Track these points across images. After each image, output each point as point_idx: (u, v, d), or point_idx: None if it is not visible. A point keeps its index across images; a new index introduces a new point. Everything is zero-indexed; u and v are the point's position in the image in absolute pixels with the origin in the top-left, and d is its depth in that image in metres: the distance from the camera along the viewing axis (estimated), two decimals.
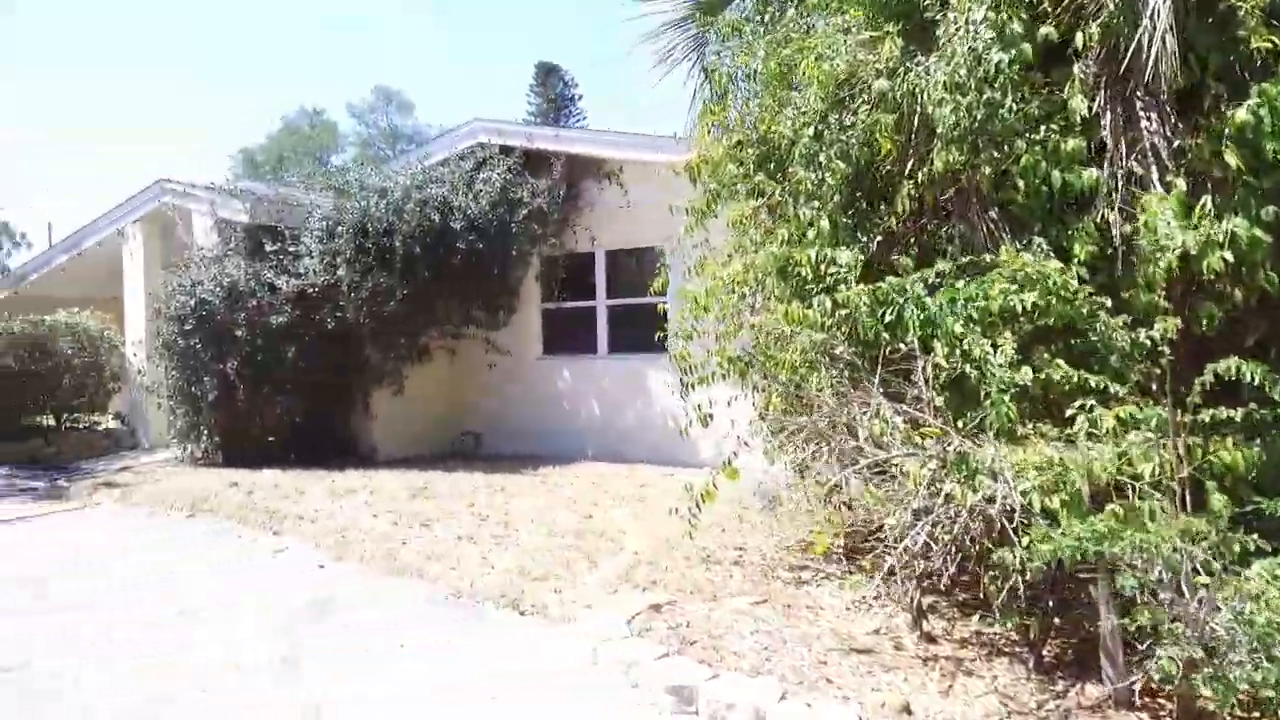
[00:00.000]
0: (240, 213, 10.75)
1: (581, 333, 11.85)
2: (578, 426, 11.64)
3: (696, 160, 5.45)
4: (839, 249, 4.38)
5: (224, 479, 9.29)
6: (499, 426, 12.34)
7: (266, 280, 10.30)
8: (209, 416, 10.41)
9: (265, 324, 10.09)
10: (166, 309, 10.34)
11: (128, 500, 8.49)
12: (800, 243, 4.75)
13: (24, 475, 10.55)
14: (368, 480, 9.12)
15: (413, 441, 11.90)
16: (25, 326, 11.46)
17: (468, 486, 8.86)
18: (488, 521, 7.12)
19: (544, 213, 11.14)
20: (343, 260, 10.27)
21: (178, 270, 10.57)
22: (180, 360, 10.32)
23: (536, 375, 12.11)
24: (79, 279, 13.71)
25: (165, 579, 5.84)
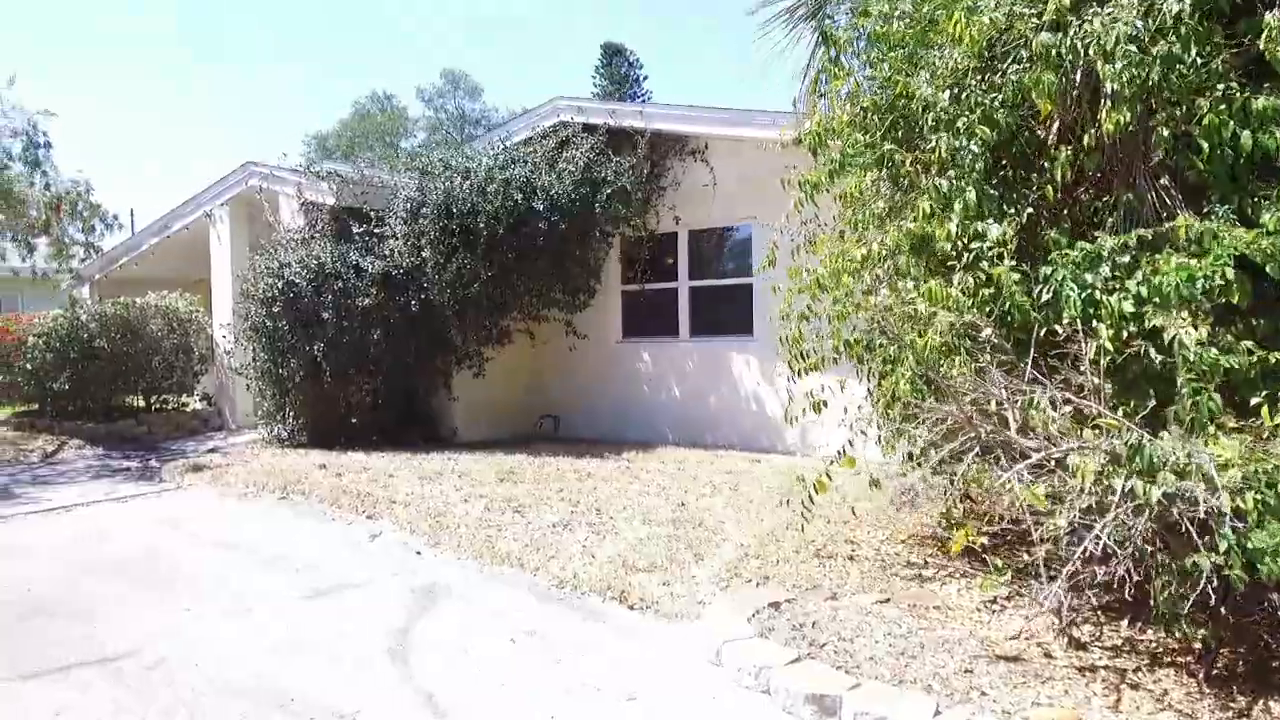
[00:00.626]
0: (326, 195, 10.74)
1: (662, 315, 11.59)
2: (658, 411, 11.41)
3: (816, 128, 5.10)
4: (986, 222, 4.01)
5: (311, 461, 9.30)
6: (577, 410, 12.20)
7: (352, 262, 10.27)
8: (295, 398, 10.45)
9: (351, 306, 10.06)
10: (254, 291, 10.39)
11: (219, 482, 8.53)
12: (937, 216, 4.39)
13: (116, 455, 10.74)
14: (453, 463, 9.03)
15: (492, 424, 11.82)
16: (117, 309, 11.66)
17: (553, 471, 8.70)
18: (580, 508, 6.93)
19: (627, 192, 10.88)
20: (427, 242, 10.18)
21: (265, 253, 10.60)
22: (267, 342, 10.36)
23: (616, 359, 11.91)
24: (166, 261, 13.96)
25: (270, 564, 5.77)
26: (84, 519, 7.22)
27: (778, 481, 8.14)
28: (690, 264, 11.35)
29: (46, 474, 9.57)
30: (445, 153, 11.08)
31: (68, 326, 11.34)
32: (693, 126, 10.65)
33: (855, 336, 5.19)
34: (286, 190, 11.28)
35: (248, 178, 11.81)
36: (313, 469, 8.71)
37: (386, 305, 10.20)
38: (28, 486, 8.77)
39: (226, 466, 9.21)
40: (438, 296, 10.23)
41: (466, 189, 10.25)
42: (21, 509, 7.62)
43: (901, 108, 4.75)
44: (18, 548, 6.28)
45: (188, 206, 12.77)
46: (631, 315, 11.97)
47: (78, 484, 8.88)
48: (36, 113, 9.94)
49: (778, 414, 10.47)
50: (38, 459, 10.64)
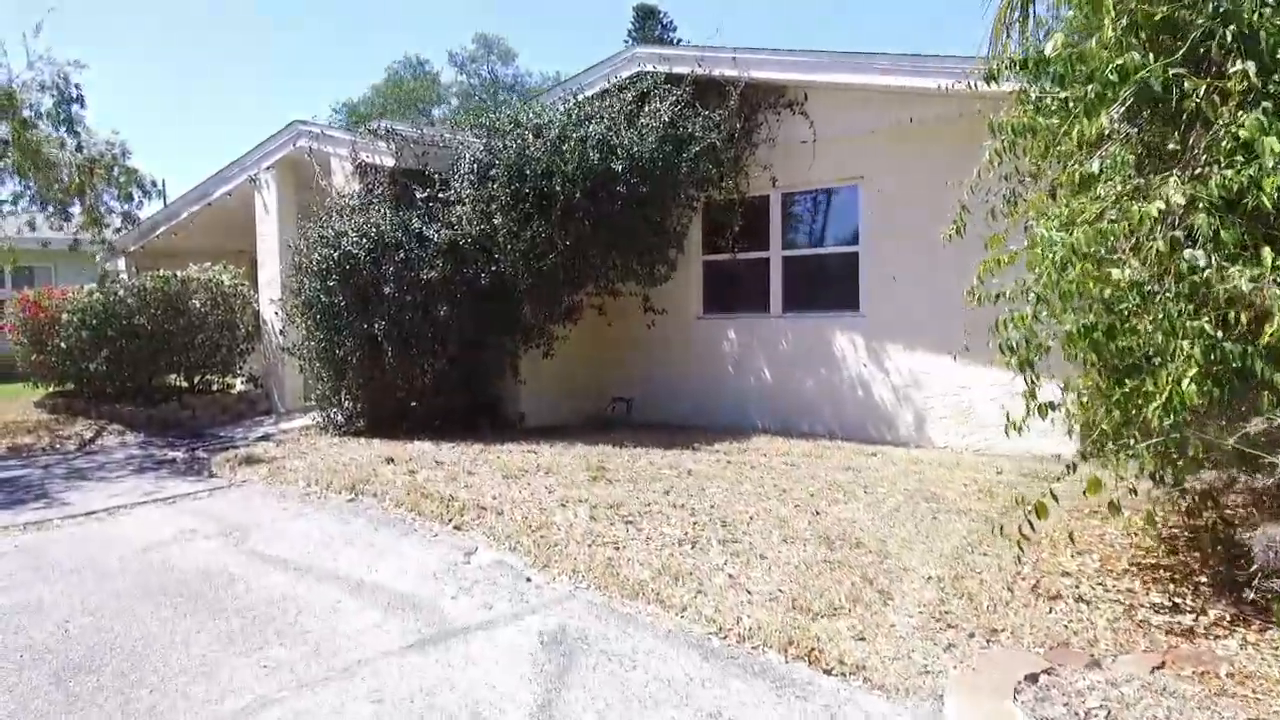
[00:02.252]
0: (384, 156, 9.69)
1: (750, 288, 10.50)
2: (744, 394, 10.34)
3: (1061, 49, 3.93)
4: None
5: (375, 452, 8.35)
6: (652, 393, 11.16)
7: (414, 231, 9.24)
8: (352, 380, 9.49)
9: (414, 279, 9.05)
10: (307, 263, 9.40)
11: (277, 479, 7.59)
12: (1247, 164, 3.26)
13: (159, 443, 9.86)
14: (534, 456, 8.03)
15: (560, 408, 10.85)
16: (157, 283, 10.74)
17: (646, 466, 7.68)
18: (699, 518, 5.90)
19: (717, 150, 9.74)
20: (498, 208, 9.12)
21: (318, 220, 9.59)
22: (322, 319, 9.39)
23: (696, 336, 10.83)
24: (206, 232, 13.03)
25: (356, 594, 4.79)
26: (128, 527, 6.29)
27: (912, 482, 7.07)
28: (784, 231, 10.21)
29: (84, 466, 8.70)
30: (514, 108, 9.97)
31: (104, 302, 10.43)
32: (797, 74, 9.45)
33: (1089, 321, 4.02)
34: (339, 151, 10.25)
35: (295, 138, 10.79)
36: (379, 463, 7.74)
37: (453, 278, 9.17)
38: (63, 483, 7.89)
39: (283, 459, 8.27)
40: (509, 268, 9.18)
41: (540, 148, 9.16)
42: (57, 514, 6.71)
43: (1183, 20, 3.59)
44: (54, 568, 5.35)
45: (230, 170, 11.78)
46: (714, 288, 10.87)
47: (119, 480, 7.97)
48: (67, 64, 8.98)
49: (887, 399, 9.38)
50: (74, 447, 9.79)
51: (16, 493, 7.51)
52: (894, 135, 9.09)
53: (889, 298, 9.28)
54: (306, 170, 10.91)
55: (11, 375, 13.11)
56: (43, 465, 8.82)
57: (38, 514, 6.69)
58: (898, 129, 9.06)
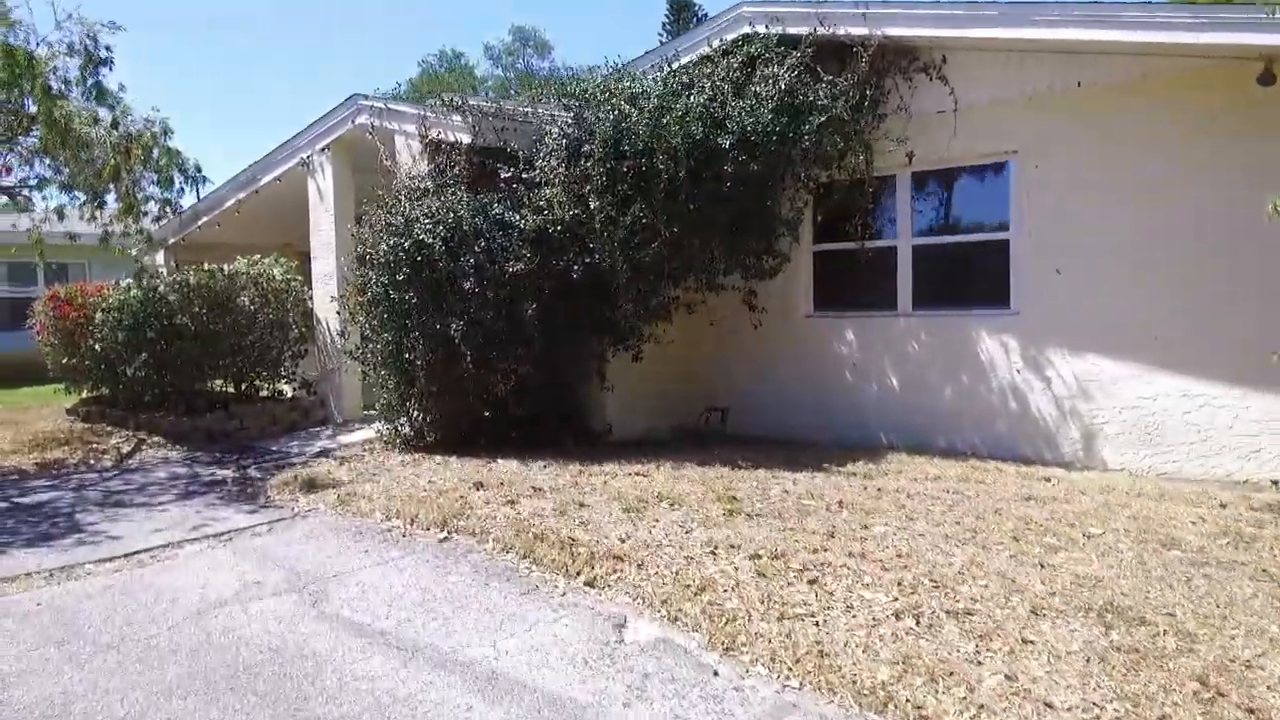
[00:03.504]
0: (459, 131, 8.48)
1: (871, 282, 9.17)
2: (864, 404, 9.01)
3: None
4: None
5: (457, 473, 7.14)
6: (750, 401, 9.86)
7: (496, 216, 8.01)
8: (424, 388, 8.28)
9: (497, 273, 7.82)
10: (373, 254, 8.20)
11: (349, 508, 6.39)
12: None
13: (205, 459, 8.71)
14: (644, 481, 6.79)
15: (649, 418, 9.60)
16: (202, 277, 9.60)
17: (781, 495, 6.42)
18: (895, 573, 4.62)
19: (842, 122, 8.41)
20: (592, 189, 7.86)
21: (385, 205, 8.39)
22: (389, 318, 8.19)
23: (805, 337, 9.52)
24: (252, 223, 11.90)
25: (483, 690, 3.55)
26: (177, 577, 5.10)
27: (1124, 520, 5.72)
28: (914, 215, 8.86)
29: (121, 488, 7.54)
30: (606, 76, 8.71)
31: (142, 299, 9.30)
32: (941, 30, 8.08)
33: None
34: (405, 128, 9.04)
35: (354, 115, 9.60)
36: (467, 489, 6.52)
37: (540, 271, 7.93)
38: (98, 510, 6.73)
39: (351, 483, 7.07)
40: (606, 259, 7.92)
41: (639, 120, 7.89)
42: (91, 554, 5.55)
43: None
44: (86, 640, 4.16)
45: (280, 153, 10.63)
46: (827, 283, 9.54)
47: (161, 507, 6.81)
48: (99, 25, 7.84)
49: (1048, 412, 8.00)
50: (110, 463, 8.66)
51: (44, 523, 6.37)
52: (1058, 102, 7.71)
53: (1050, 293, 7.90)
54: (366, 151, 9.73)
55: (44, 377, 12.06)
56: (75, 486, 7.69)
57: (67, 555, 5.52)
58: (1063, 95, 7.69)
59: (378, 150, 9.23)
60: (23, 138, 8.78)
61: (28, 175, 9.43)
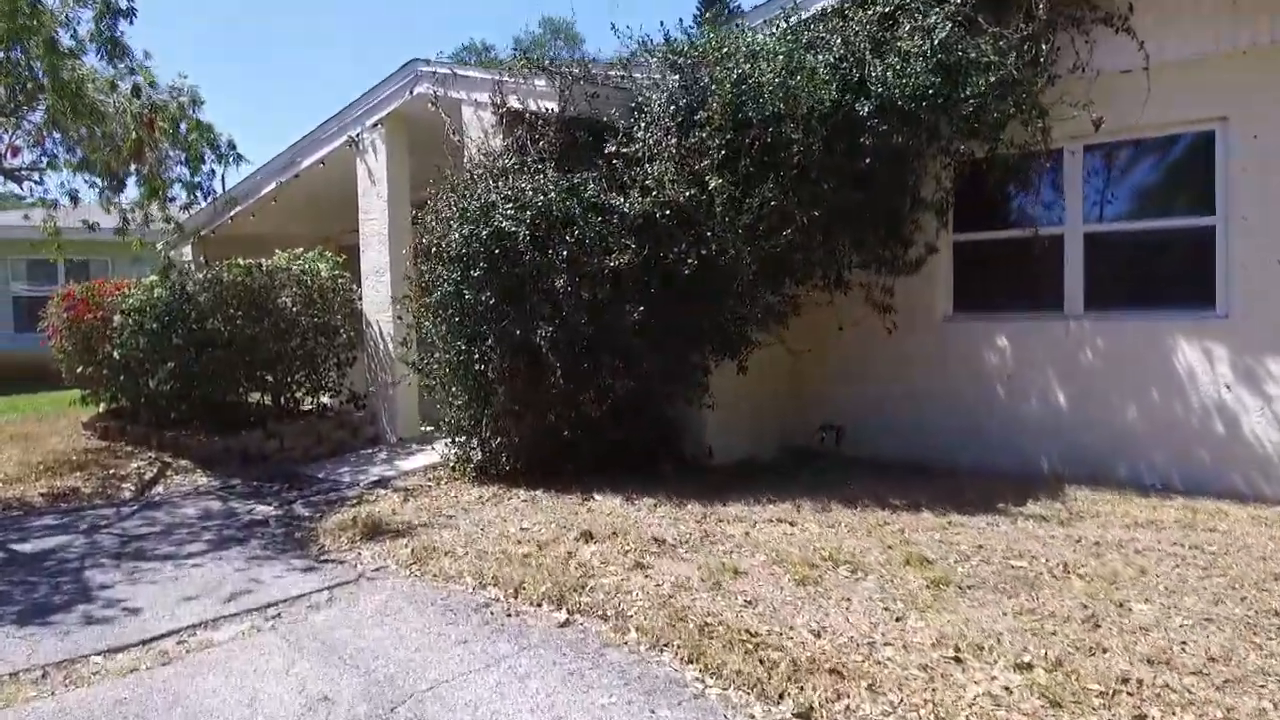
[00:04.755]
0: (545, 98, 7.08)
1: (1030, 278, 7.68)
2: (1020, 424, 7.51)
3: None
4: None
5: (550, 514, 5.76)
6: (871, 418, 8.39)
7: (591, 199, 6.59)
8: (502, 405, 6.89)
9: (595, 268, 6.41)
10: (440, 246, 6.82)
11: (426, 566, 5.00)
12: None
13: (242, 489, 7.38)
14: (792, 529, 5.38)
15: (750, 437, 8.21)
16: (237, 274, 8.25)
17: (973, 549, 5.01)
18: (1232, 698, 3.16)
19: (1010, 85, 6.90)
20: (709, 165, 6.43)
21: (456, 188, 7.00)
22: (460, 322, 6.83)
23: (942, 343, 8.03)
24: (288, 213, 10.57)
25: None
26: (208, 679, 3.73)
27: None
28: (1085, 197, 7.35)
29: (141, 530, 6.21)
30: (721, 30, 7.26)
31: (168, 300, 7.98)
32: None
33: None
34: (476, 96, 7.64)
35: (413, 83, 8.20)
36: (571, 539, 5.13)
37: (648, 265, 6.51)
38: (112, 565, 5.38)
39: (423, 528, 5.68)
40: (731, 250, 6.49)
41: (766, 82, 6.46)
42: (95, 639, 4.19)
43: None
44: None
45: (324, 131, 9.27)
46: (971, 279, 8.04)
47: (191, 560, 5.45)
48: None
49: (1268, 438, 6.50)
50: (130, 493, 7.34)
51: (45, 585, 5.03)
52: None
53: (1272, 292, 6.38)
54: (425, 127, 8.36)
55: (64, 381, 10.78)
56: (87, 526, 6.37)
57: (69, 641, 4.17)
58: None
59: (442, 124, 7.84)
60: (29, 111, 7.47)
61: (38, 157, 8.13)
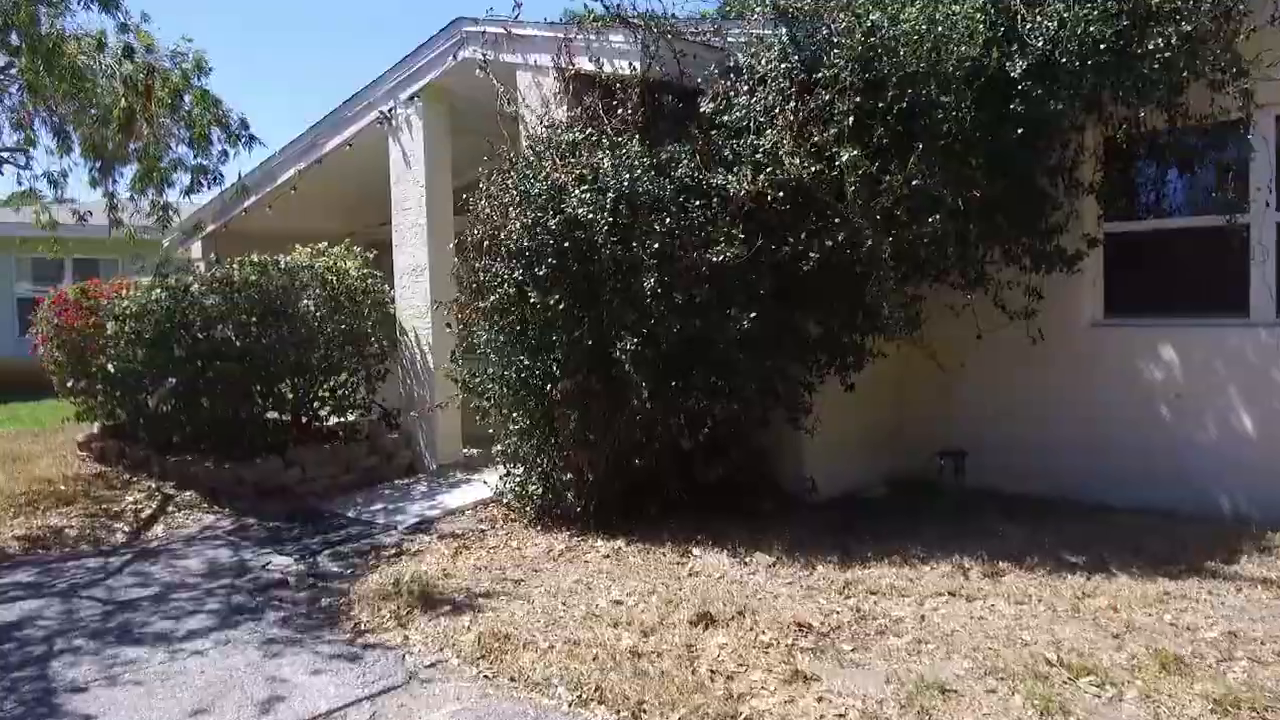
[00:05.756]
0: (623, 56, 5.81)
1: (1204, 277, 6.35)
2: (1197, 455, 6.16)
3: None
4: None
5: (645, 578, 4.51)
6: (997, 443, 7.04)
7: (686, 179, 5.31)
8: (572, 431, 5.62)
9: (694, 262, 5.13)
10: (495, 239, 5.57)
11: (498, 662, 3.74)
12: None
13: (256, 532, 6.14)
14: (976, 606, 4.15)
15: (854, 465, 6.95)
16: (250, 272, 7.01)
17: (1224, 638, 3.70)
18: None
19: (1200, 38, 5.55)
20: (837, 135, 5.13)
21: (516, 167, 5.74)
22: (522, 332, 5.58)
23: (1090, 354, 6.69)
24: (312, 203, 9.35)
25: None
26: None
27: None
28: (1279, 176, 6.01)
29: (131, 594, 4.96)
30: None
31: (170, 304, 6.74)
32: None
33: None
34: (535, 58, 6.37)
35: (456, 47, 6.93)
36: (685, 623, 3.89)
37: (757, 260, 5.22)
38: (88, 654, 4.13)
39: (487, 599, 4.41)
40: (860, 240, 5.20)
41: (905, 31, 5.19)
42: None
43: None
44: None
45: (350, 108, 8.02)
46: (1124, 277, 6.70)
47: (189, 644, 4.20)
48: None
49: None
50: (124, 537, 6.12)
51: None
52: None
53: None
54: (470, 100, 7.11)
55: None
56: (66, 585, 5.14)
57: None
58: None
59: (490, 95, 6.56)
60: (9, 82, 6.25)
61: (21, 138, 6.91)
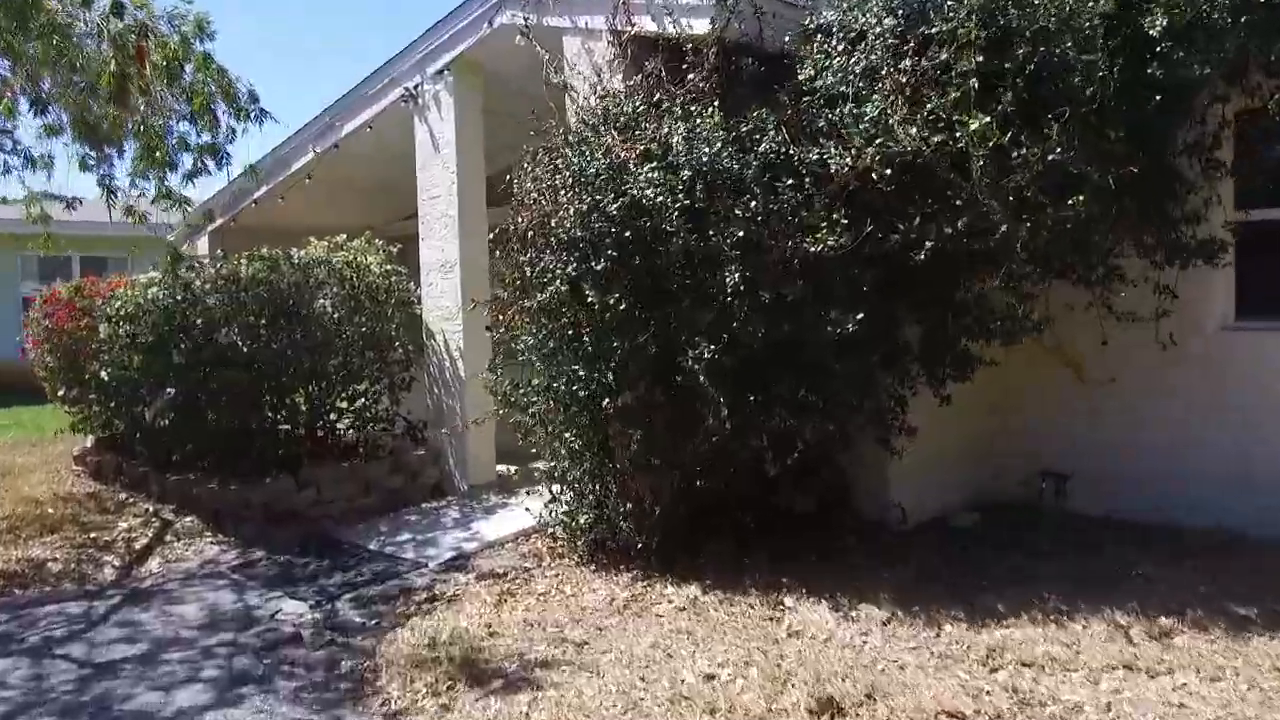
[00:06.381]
0: (693, 14, 4.96)
1: None
2: None
3: None
4: None
5: (735, 642, 3.67)
6: (1104, 463, 6.14)
7: (772, 155, 4.46)
8: (635, 454, 4.77)
9: (784, 254, 4.27)
10: (544, 229, 4.73)
11: None
12: None
13: (265, 569, 5.32)
14: (1169, 685, 3.32)
15: (940, 488, 6.10)
16: (258, 268, 6.19)
17: None
18: None
19: None
20: (959, 101, 4.27)
21: (569, 144, 4.89)
22: (575, 335, 4.73)
23: (1221, 361, 5.78)
24: (328, 194, 8.53)
25: None
26: None
27: None
28: None
29: (116, 652, 4.14)
30: None
31: (169, 304, 5.94)
32: None
33: None
34: (586, 20, 5.52)
35: (494, 10, 6.08)
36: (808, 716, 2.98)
37: (859, 251, 4.36)
38: None
39: (543, 671, 3.57)
40: (992, 225, 4.33)
41: None
42: None
43: None
44: None
45: (371, 86, 7.18)
46: (1260, 273, 5.80)
47: None
48: None
49: None
50: (113, 573, 5.31)
51: None
52: None
53: None
54: (506, 75, 6.30)
55: None
56: (39, 638, 4.34)
57: None
58: None
59: (531, 69, 5.71)
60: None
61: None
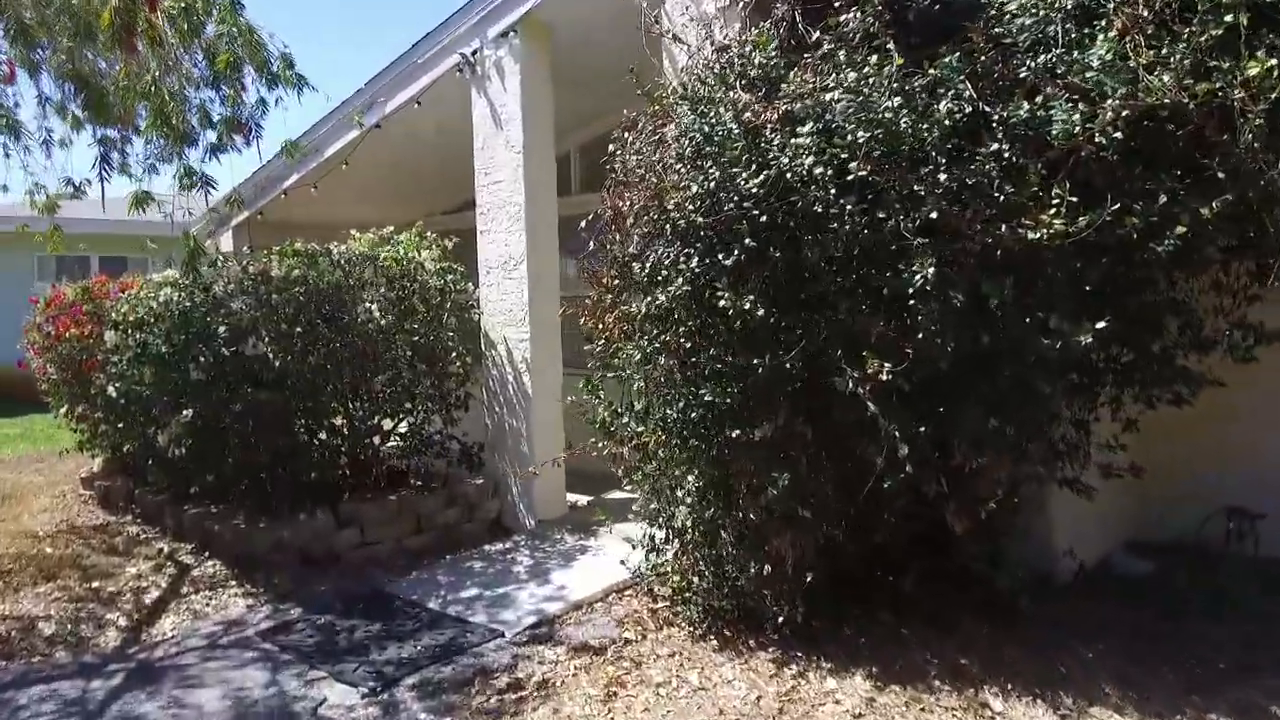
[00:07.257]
0: None
1: None
2: None
3: None
4: None
5: None
6: None
7: (955, 117, 3.41)
8: (774, 501, 3.72)
9: (988, 244, 3.22)
10: (644, 216, 3.71)
11: None
12: None
13: (302, 634, 4.33)
14: None
15: (1100, 530, 5.00)
16: (293, 266, 5.21)
17: None
18: None
19: None
20: (1225, 36, 3.20)
21: (687, 100, 3.87)
22: (693, 348, 3.70)
23: None
24: (368, 182, 7.56)
25: None
26: None
27: None
28: None
29: None
30: None
31: (186, 309, 4.97)
32: None
33: None
34: None
35: None
36: None
37: (1085, 239, 3.29)
38: None
39: None
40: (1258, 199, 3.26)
41: None
42: None
43: None
44: None
45: (421, 53, 6.19)
46: None
47: None
48: None
49: None
50: (117, 635, 4.34)
51: None
52: None
53: None
54: (583, 39, 5.28)
55: None
56: None
57: None
58: None
59: (610, 27, 4.70)
60: None
61: None
